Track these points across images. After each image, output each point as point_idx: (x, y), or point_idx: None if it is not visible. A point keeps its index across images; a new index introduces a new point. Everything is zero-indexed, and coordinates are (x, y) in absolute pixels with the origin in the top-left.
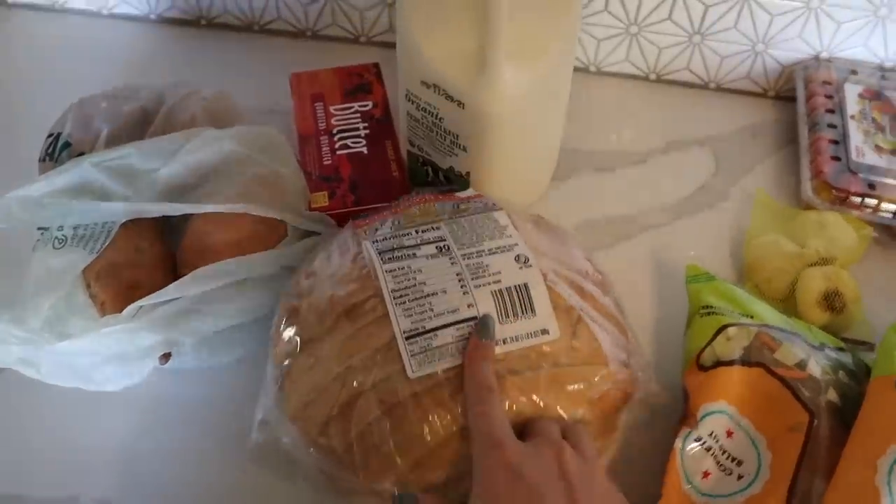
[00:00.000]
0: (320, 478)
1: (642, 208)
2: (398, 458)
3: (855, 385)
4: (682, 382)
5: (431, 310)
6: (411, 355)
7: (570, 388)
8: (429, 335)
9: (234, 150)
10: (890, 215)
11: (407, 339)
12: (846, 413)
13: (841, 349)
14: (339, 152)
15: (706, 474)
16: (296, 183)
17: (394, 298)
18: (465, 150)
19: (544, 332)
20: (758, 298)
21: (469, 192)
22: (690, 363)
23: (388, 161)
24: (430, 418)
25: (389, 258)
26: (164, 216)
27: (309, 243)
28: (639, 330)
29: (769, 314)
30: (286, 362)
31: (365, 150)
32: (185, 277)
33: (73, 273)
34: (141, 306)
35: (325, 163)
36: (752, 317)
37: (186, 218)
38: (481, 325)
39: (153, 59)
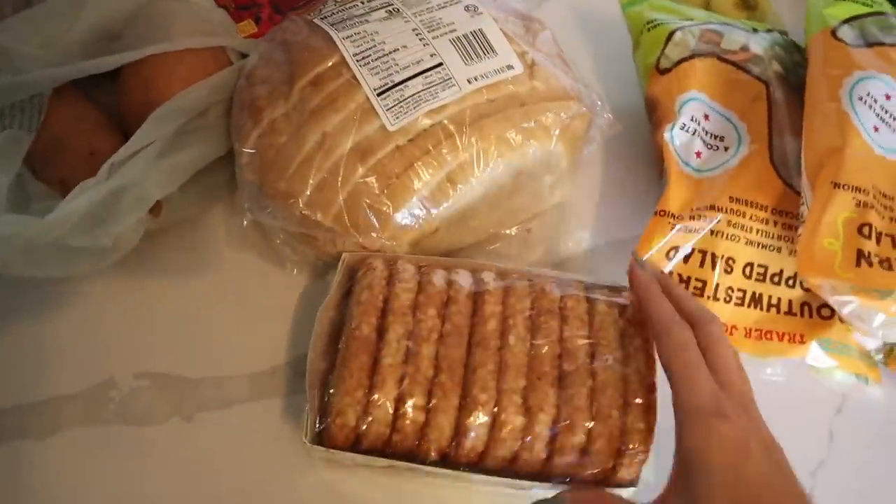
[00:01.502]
0: (305, 249)
1: None
2: (390, 211)
3: (788, 56)
4: (646, 95)
5: (396, 64)
6: (387, 109)
7: (542, 120)
8: (399, 87)
9: None
10: None
11: (379, 94)
12: (790, 78)
13: (769, 30)
14: None
15: (698, 154)
16: (218, 15)
17: (357, 61)
18: None
19: (509, 67)
20: None
21: None
22: (650, 73)
23: None
24: (417, 167)
25: (343, 27)
26: (84, 77)
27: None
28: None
29: (705, 15)
30: (256, 145)
31: None
32: (150, 118)
33: (20, 153)
34: (113, 163)
35: None
36: (692, 20)
37: (114, 75)
38: (635, 259)
39: None
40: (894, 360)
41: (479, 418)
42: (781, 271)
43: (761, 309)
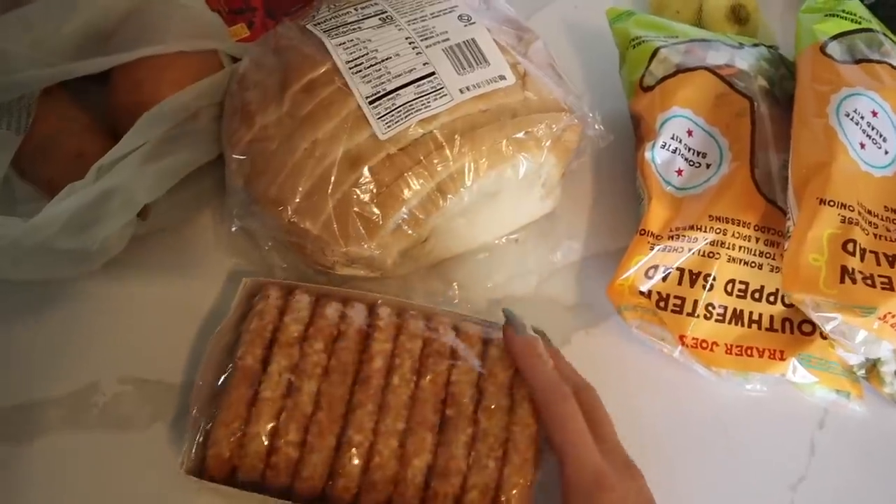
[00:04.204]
0: (294, 257)
1: None
2: (380, 220)
3: (775, 69)
4: (630, 111)
5: (388, 73)
6: (378, 118)
7: (534, 132)
8: (391, 96)
9: None
10: None
11: (370, 102)
12: (776, 92)
13: (755, 44)
14: None
15: (679, 172)
16: (211, 18)
17: (350, 69)
18: None
19: (501, 77)
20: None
21: None
22: (635, 90)
23: None
24: (407, 177)
25: (336, 34)
26: (74, 78)
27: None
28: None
29: (691, 31)
30: (247, 151)
31: None
32: (140, 121)
33: (7, 154)
34: (102, 165)
35: None
36: (677, 36)
37: (104, 76)
38: (507, 318)
39: None
40: (876, 376)
41: (353, 460)
42: (762, 287)
43: (742, 325)
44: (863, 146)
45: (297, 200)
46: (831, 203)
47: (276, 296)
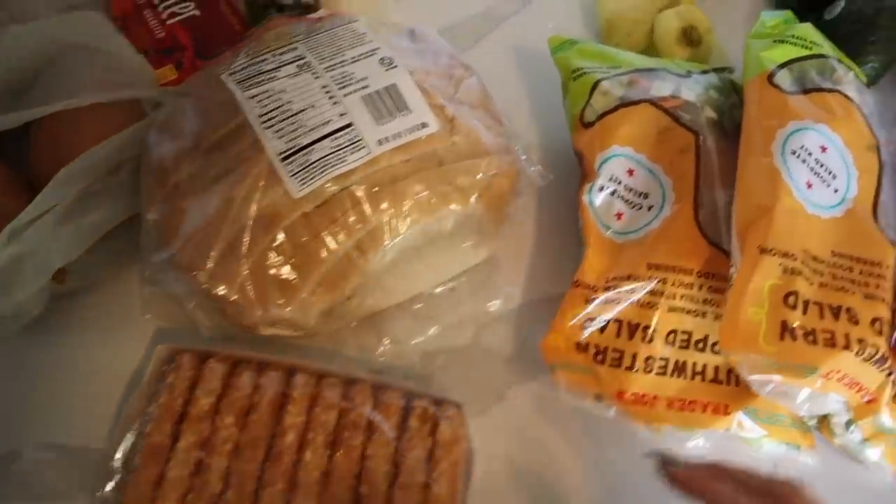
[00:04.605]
0: (218, 318)
1: (489, 2)
2: (297, 281)
3: (724, 98)
4: (574, 148)
5: (303, 126)
6: (291, 175)
7: (460, 181)
8: (305, 151)
9: (60, 41)
10: None
11: (283, 159)
12: (725, 123)
13: (705, 72)
14: (169, 22)
15: (619, 216)
16: (137, 62)
17: (262, 123)
18: None
19: (423, 125)
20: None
21: (321, 13)
22: (575, 125)
23: (224, 16)
24: (323, 237)
25: (250, 85)
26: None
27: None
28: (519, 116)
29: (636, 60)
30: (160, 211)
31: (197, 11)
32: (56, 179)
33: None
34: (14, 228)
35: (159, 36)
36: (620, 67)
37: (24, 131)
38: (660, 460)
39: None
40: (827, 426)
41: None
42: (706, 337)
43: (685, 377)
44: (810, 186)
45: (211, 265)
46: (773, 252)
47: (188, 366)
